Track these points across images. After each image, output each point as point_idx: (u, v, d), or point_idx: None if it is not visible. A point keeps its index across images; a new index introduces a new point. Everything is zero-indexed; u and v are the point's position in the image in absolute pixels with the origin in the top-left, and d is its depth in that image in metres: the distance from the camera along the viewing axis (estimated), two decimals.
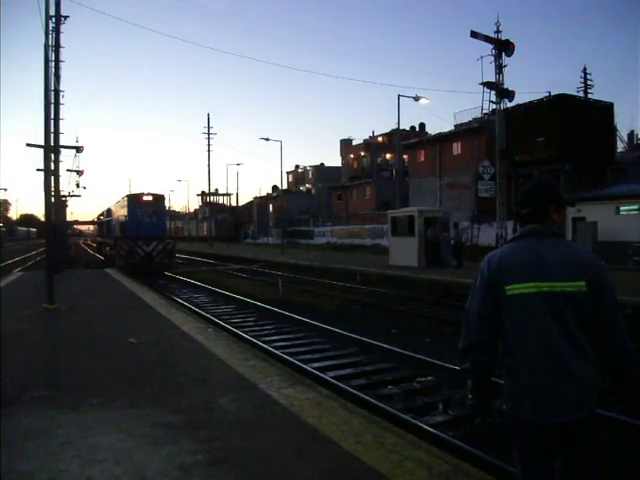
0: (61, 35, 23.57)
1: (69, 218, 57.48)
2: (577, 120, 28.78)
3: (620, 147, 48.26)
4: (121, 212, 28.45)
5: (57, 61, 23.48)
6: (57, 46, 23.46)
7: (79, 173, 38.56)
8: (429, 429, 6.01)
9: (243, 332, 11.69)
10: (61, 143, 23.01)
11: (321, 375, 8.26)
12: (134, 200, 27.02)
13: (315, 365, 9.11)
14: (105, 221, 38.06)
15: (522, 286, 2.62)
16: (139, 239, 25.62)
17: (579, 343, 2.56)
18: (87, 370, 7.07)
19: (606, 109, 32.15)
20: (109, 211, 36.02)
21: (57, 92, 22.92)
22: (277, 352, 9.71)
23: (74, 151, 32.14)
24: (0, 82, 51.23)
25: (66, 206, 39.52)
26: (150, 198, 27.31)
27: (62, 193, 30.91)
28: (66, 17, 23.42)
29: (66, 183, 35.17)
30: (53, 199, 20.54)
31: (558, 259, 2.63)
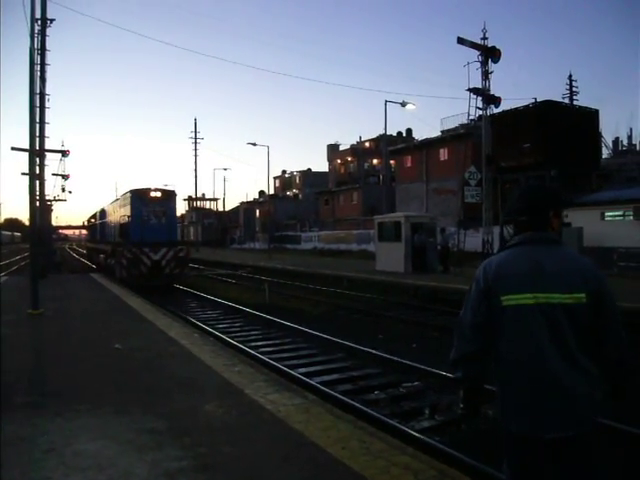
0: (47, 38, 23.47)
1: (54, 222, 57.08)
2: (563, 126, 29.05)
3: (605, 153, 48.87)
4: (122, 212, 23.30)
5: (42, 64, 23.36)
6: (43, 49, 23.35)
7: (64, 177, 38.30)
8: (415, 434, 6.02)
9: (229, 337, 11.67)
10: (46, 147, 22.87)
11: (307, 381, 8.25)
12: (139, 197, 22.00)
13: (301, 370, 9.10)
14: (99, 224, 32.77)
15: (519, 297, 2.52)
16: (145, 245, 20.99)
17: (576, 357, 2.46)
18: (72, 376, 7.02)
19: (591, 115, 32.49)
20: (103, 212, 31.09)
21: (42, 95, 22.77)
22: (263, 357, 9.69)
23: (59, 155, 31.97)
24: None
25: (51, 210, 39.26)
26: (158, 194, 22.35)
27: (47, 197, 30.73)
28: (52, 20, 23.36)
29: (51, 187, 34.95)
30: (38, 203, 20.43)
31: (558, 268, 2.52)
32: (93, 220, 37.34)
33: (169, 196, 22.89)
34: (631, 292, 15.16)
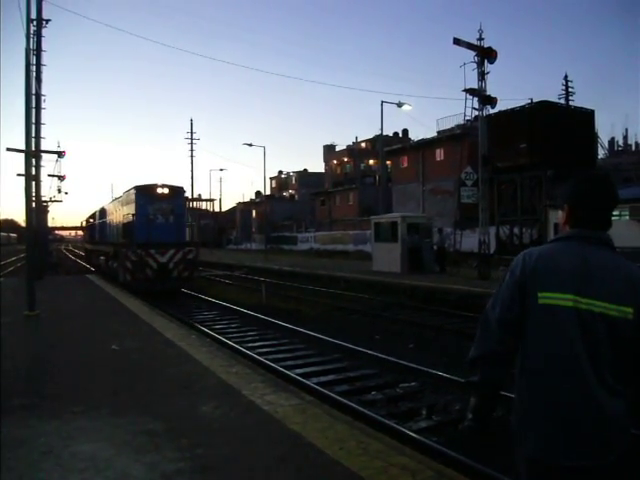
0: (42, 39, 23.40)
1: (50, 224, 56.96)
2: (559, 127, 29.10)
3: (601, 154, 48.94)
4: (125, 210, 21.39)
5: (38, 65, 23.24)
6: (38, 50, 23.23)
7: (60, 178, 38.24)
8: (413, 435, 6.03)
9: (226, 338, 11.66)
10: (42, 148, 22.81)
11: (305, 381, 8.25)
12: (145, 193, 20.17)
13: (298, 371, 9.10)
14: (98, 224, 30.53)
15: (558, 296, 2.17)
16: (151, 246, 19.23)
17: (608, 377, 2.12)
18: (69, 377, 7.01)
19: (587, 116, 32.54)
20: (103, 211, 29.00)
21: (38, 96, 22.69)
22: (260, 358, 9.69)
23: (55, 156, 31.91)
24: None
25: (47, 211, 39.18)
26: (166, 191, 20.49)
27: (43, 198, 30.67)
28: (48, 20, 23.28)
29: (47, 188, 34.87)
30: (34, 204, 20.38)
31: (606, 274, 2.18)
32: (92, 220, 35.00)
33: (177, 193, 21.09)
34: None
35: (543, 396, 2.17)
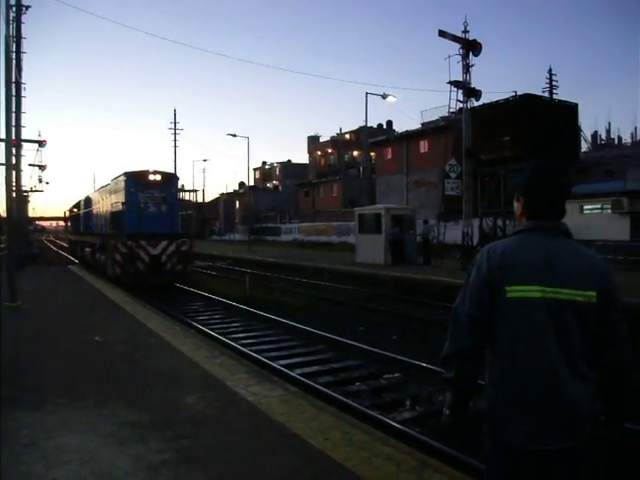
0: (22, 26, 23.07)
1: (31, 214, 56.41)
2: (542, 120, 29.20)
3: (584, 147, 49.39)
4: (114, 199, 19.98)
5: (18, 52, 22.94)
6: (18, 37, 22.91)
7: (41, 168, 37.84)
8: (397, 426, 6.06)
9: (210, 330, 11.63)
10: (23, 137, 22.54)
11: (289, 372, 8.26)
12: (135, 180, 18.85)
13: (283, 362, 9.11)
14: (83, 213, 28.72)
15: (526, 289, 2.23)
16: (142, 237, 18.01)
17: (579, 362, 2.22)
18: (51, 369, 6.96)
19: (571, 109, 32.68)
20: (88, 200, 27.41)
21: (18, 84, 22.39)
22: (245, 350, 9.68)
23: (36, 145, 31.53)
24: None
25: (28, 201, 38.81)
26: (158, 177, 19.17)
27: (24, 188, 30.34)
28: (27, 7, 22.94)
29: (28, 178, 34.52)
30: (14, 194, 20.14)
31: (569, 262, 2.27)
32: (76, 210, 32.89)
33: (170, 180, 19.83)
34: None
35: (514, 384, 2.25)
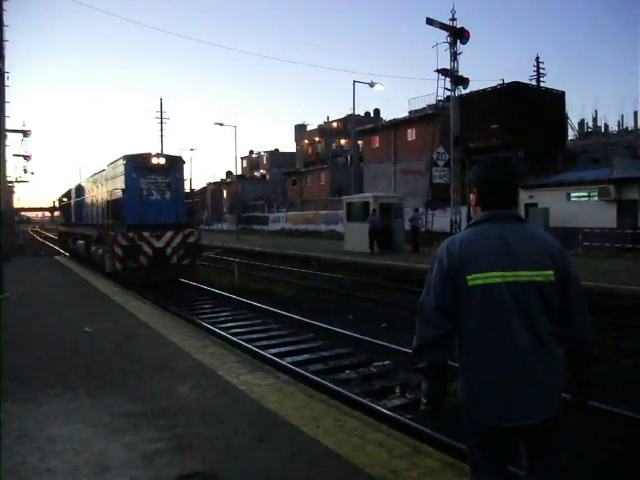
0: (4, 13, 22.70)
1: (16, 205, 55.91)
2: (530, 108, 29.37)
3: (571, 135, 49.60)
4: (112, 185, 17.95)
5: (1, 41, 22.60)
6: (0, 25, 22.58)
7: (26, 158, 37.54)
8: (388, 412, 6.12)
9: (200, 319, 11.64)
10: (7, 127, 22.32)
11: (279, 361, 8.30)
12: (136, 164, 16.83)
13: (273, 351, 9.15)
14: (75, 203, 26.32)
15: (486, 275, 2.36)
16: (145, 228, 16.30)
17: (544, 339, 2.36)
18: (42, 361, 6.94)
19: (558, 97, 32.88)
20: (81, 189, 25.04)
21: (1, 73, 22.12)
22: (235, 339, 9.70)
23: (20, 135, 31.23)
24: None
25: (13, 192, 38.48)
26: (162, 161, 17.20)
27: (9, 179, 30.06)
28: None
29: (13, 168, 34.20)
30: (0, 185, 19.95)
31: (525, 246, 2.41)
32: (66, 199, 30.45)
33: (175, 163, 17.68)
34: (595, 271, 15.57)
35: (484, 367, 2.39)
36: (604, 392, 6.80)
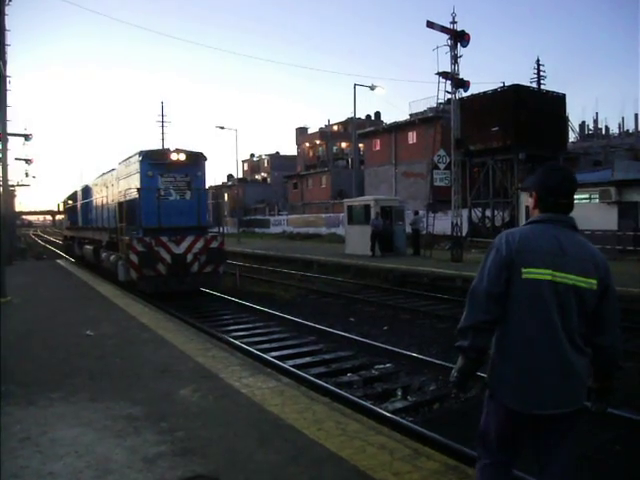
0: (6, 17, 22.77)
1: (18, 208, 55.98)
2: (530, 110, 29.38)
3: (572, 137, 49.64)
4: (125, 184, 16.34)
5: (2, 45, 22.67)
6: (2, 29, 22.63)
7: (28, 162, 37.60)
8: (389, 415, 6.13)
9: (201, 323, 11.64)
10: (8, 131, 22.35)
11: (281, 364, 8.30)
12: (154, 161, 15.19)
13: (274, 354, 9.15)
14: (82, 205, 24.00)
15: (539, 271, 2.56)
16: (163, 232, 14.71)
17: (576, 338, 2.56)
18: (44, 364, 6.95)
19: (558, 100, 32.88)
20: (88, 190, 23.24)
21: (3, 78, 22.19)
22: (237, 342, 9.71)
23: (22, 139, 31.29)
24: None
25: (15, 196, 38.53)
26: (182, 157, 15.41)
27: (10, 182, 30.11)
28: None
29: (14, 172, 34.29)
30: (1, 189, 20.00)
31: (576, 252, 2.60)
32: (71, 202, 28.18)
33: (196, 160, 15.89)
34: None
35: (523, 354, 2.58)
36: None
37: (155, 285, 14.54)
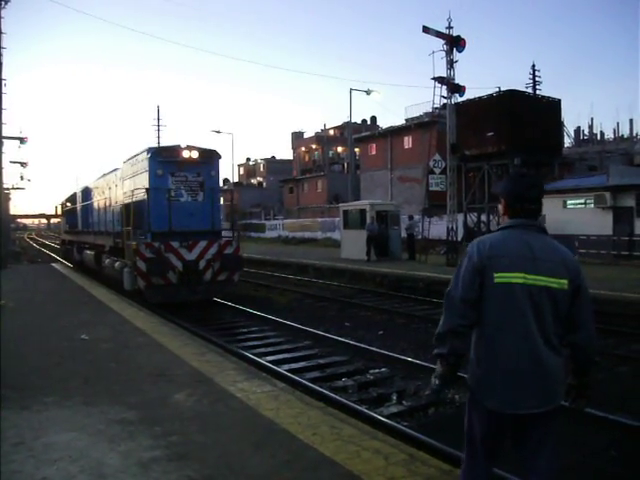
0: (2, 20, 22.76)
1: (12, 212, 55.78)
2: (526, 115, 29.41)
3: (567, 142, 49.79)
4: (131, 184, 15.03)
5: None
6: None
7: (23, 165, 37.53)
8: (385, 420, 6.12)
9: (195, 327, 11.61)
10: (4, 134, 22.32)
11: (276, 369, 8.29)
12: (163, 158, 13.99)
13: (270, 358, 9.14)
14: (82, 207, 22.67)
15: (510, 275, 2.66)
16: (173, 237, 13.62)
17: (551, 339, 2.66)
18: (38, 368, 6.92)
19: (554, 105, 32.93)
20: (87, 192, 22.01)
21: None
22: (231, 347, 9.69)
23: (17, 142, 31.25)
24: None
25: (9, 199, 38.43)
26: (194, 155, 14.18)
27: (5, 185, 30.04)
28: (7, 1, 22.64)
29: (9, 175, 34.20)
30: None
31: (545, 255, 2.70)
32: (70, 204, 26.69)
33: (210, 158, 14.67)
34: (592, 278, 15.56)
35: (499, 357, 2.67)
36: (601, 399, 6.82)
37: (164, 295, 13.48)
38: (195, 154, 14.15)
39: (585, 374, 2.85)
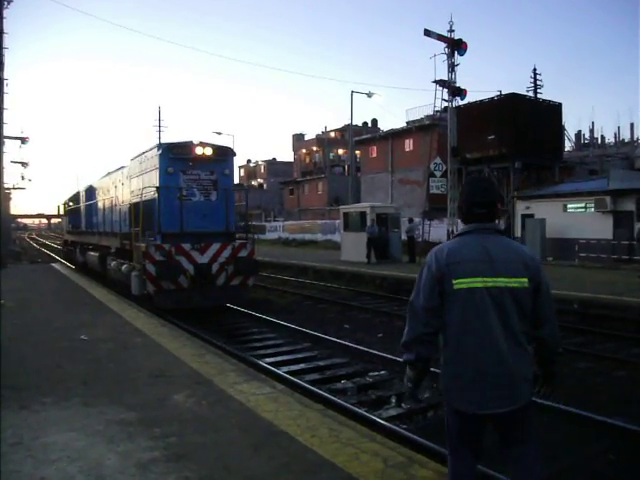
0: (4, 20, 22.79)
1: (13, 211, 55.86)
2: (527, 119, 29.44)
3: (568, 146, 49.85)
4: (139, 183, 14.42)
5: (0, 48, 22.70)
6: (0, 32, 22.66)
7: (24, 165, 37.57)
8: (383, 422, 6.12)
9: (195, 328, 11.59)
10: (5, 134, 22.33)
11: (275, 370, 8.29)
12: (175, 155, 13.18)
13: (269, 360, 9.14)
14: (87, 207, 21.85)
15: (469, 280, 2.72)
16: (184, 238, 12.89)
17: (518, 337, 2.73)
18: (37, 368, 6.92)
19: (555, 109, 32.96)
20: (91, 191, 21.27)
21: (0, 80, 22.21)
22: (231, 348, 9.69)
23: (19, 142, 31.29)
24: None
25: (10, 199, 38.46)
26: (208, 151, 13.45)
27: (6, 185, 30.07)
28: (9, 1, 22.69)
29: (10, 175, 34.23)
30: None
31: (503, 256, 2.77)
32: (73, 203, 25.76)
33: (224, 155, 13.91)
34: (592, 282, 15.59)
35: (465, 360, 2.75)
36: (599, 403, 6.83)
37: (175, 300, 12.73)
38: (209, 151, 13.44)
39: (551, 364, 2.95)
